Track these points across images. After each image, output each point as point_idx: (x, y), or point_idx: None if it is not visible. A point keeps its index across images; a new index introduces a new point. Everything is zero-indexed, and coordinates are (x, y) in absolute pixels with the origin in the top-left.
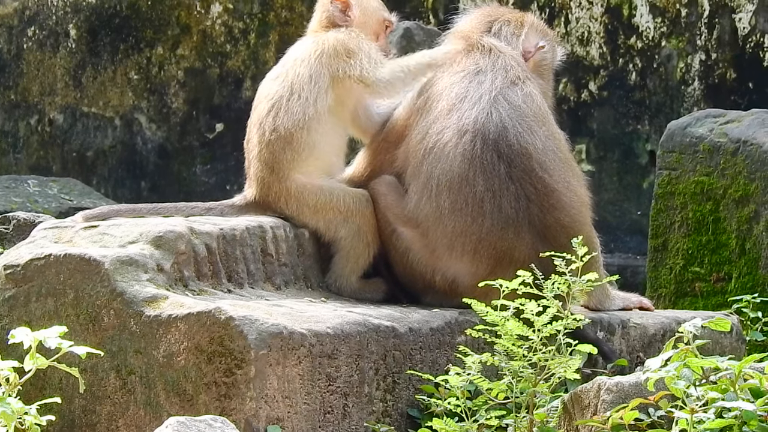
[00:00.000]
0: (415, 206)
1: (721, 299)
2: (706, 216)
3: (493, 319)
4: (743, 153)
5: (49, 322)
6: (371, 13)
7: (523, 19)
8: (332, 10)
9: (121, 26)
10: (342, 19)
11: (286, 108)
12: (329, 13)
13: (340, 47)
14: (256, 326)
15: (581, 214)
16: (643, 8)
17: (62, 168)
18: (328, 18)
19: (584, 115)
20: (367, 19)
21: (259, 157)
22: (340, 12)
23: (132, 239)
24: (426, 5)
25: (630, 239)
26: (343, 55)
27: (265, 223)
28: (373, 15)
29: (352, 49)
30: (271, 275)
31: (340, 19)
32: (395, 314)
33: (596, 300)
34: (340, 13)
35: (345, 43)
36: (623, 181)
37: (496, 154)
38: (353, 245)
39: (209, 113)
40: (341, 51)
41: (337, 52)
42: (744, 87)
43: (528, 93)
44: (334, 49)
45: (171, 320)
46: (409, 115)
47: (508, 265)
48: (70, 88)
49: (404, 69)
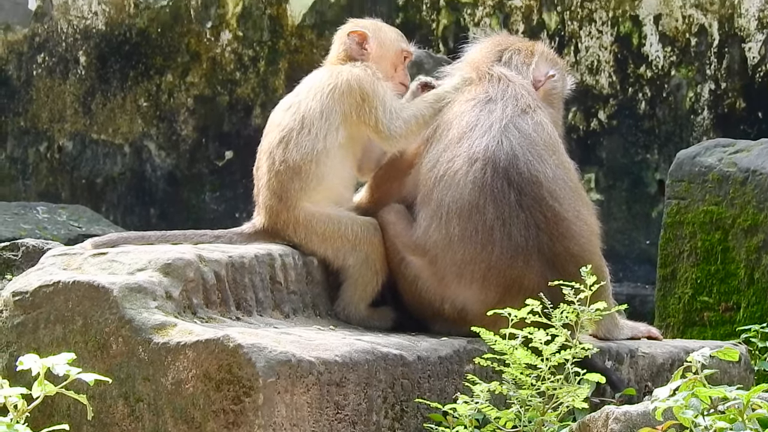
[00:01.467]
0: (424, 234)
1: (730, 329)
2: (715, 245)
3: (501, 347)
4: (752, 182)
5: (58, 348)
6: (389, 45)
7: (534, 48)
8: (349, 43)
9: (130, 53)
10: (359, 53)
11: (296, 141)
12: (346, 46)
13: (355, 85)
14: (265, 354)
15: (591, 243)
16: (652, 37)
17: (71, 195)
18: (345, 51)
19: (593, 143)
20: (384, 52)
21: (268, 186)
22: (357, 45)
23: (141, 266)
24: (435, 33)
25: (639, 268)
26: (357, 95)
27: (274, 250)
28: (390, 47)
29: (367, 93)
30: (280, 303)
31: (357, 52)
32: (404, 342)
33: (605, 329)
34: (357, 45)
35: (360, 82)
36: (632, 210)
37: (506, 182)
38: (361, 273)
39: (218, 141)
40: (355, 90)
41: (351, 90)
42: (753, 116)
43: (538, 122)
44: (348, 85)
45: (179, 348)
46: (419, 143)
47: (517, 293)
48: (79, 115)
49: (419, 118)
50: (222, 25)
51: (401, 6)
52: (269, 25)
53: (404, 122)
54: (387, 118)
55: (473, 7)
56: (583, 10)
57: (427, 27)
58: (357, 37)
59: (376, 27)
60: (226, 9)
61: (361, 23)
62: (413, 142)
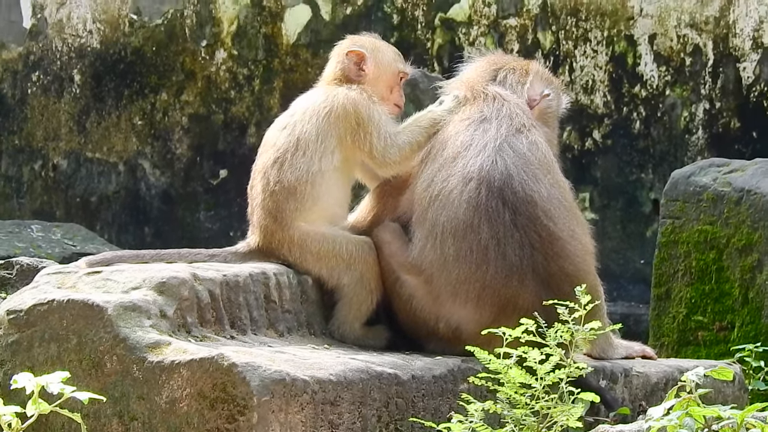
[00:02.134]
0: (419, 253)
1: (724, 348)
2: (710, 265)
3: (496, 366)
4: (747, 202)
5: (52, 367)
6: (386, 66)
7: (528, 67)
8: (347, 63)
9: (125, 72)
10: (356, 74)
11: (291, 162)
12: (343, 66)
13: (351, 109)
14: (259, 373)
15: (585, 263)
16: (647, 57)
17: (66, 213)
18: (342, 70)
19: (588, 163)
20: (381, 73)
21: (263, 206)
22: (355, 65)
23: (135, 285)
24: (430, 53)
25: (633, 288)
26: (352, 120)
27: (269, 269)
28: (387, 68)
29: (362, 117)
30: (275, 322)
31: (354, 73)
32: (398, 361)
33: (599, 348)
34: (355, 66)
35: (356, 107)
36: (627, 229)
37: (501, 202)
38: (356, 292)
39: (213, 159)
40: (351, 114)
41: (347, 114)
42: (748, 136)
43: (533, 141)
44: (344, 109)
45: (174, 366)
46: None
47: (511, 312)
48: (74, 133)
49: (413, 144)
50: (217, 44)
51: (396, 25)
52: (264, 44)
53: (399, 149)
54: (382, 144)
55: (468, 26)
56: (578, 30)
57: (422, 46)
58: (355, 57)
59: (374, 47)
60: (221, 28)
61: (360, 41)
62: (407, 167)
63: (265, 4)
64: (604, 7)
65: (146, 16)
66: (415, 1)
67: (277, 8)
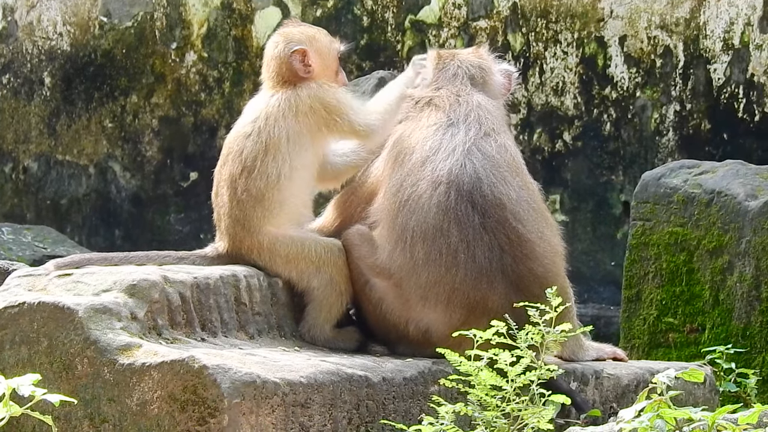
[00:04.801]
0: (389, 257)
1: (695, 350)
2: (680, 267)
3: (466, 369)
4: (717, 204)
5: (23, 370)
6: (326, 52)
7: (481, 55)
8: (294, 64)
9: (95, 74)
10: (304, 71)
11: (261, 169)
12: (290, 66)
13: (317, 103)
14: (230, 375)
15: (555, 265)
16: (617, 59)
17: (36, 216)
18: (289, 71)
19: (558, 165)
20: (324, 60)
21: (230, 214)
22: (301, 63)
23: (106, 287)
24: (401, 55)
25: (603, 290)
26: (322, 112)
27: (239, 272)
28: (328, 53)
29: (330, 105)
30: (245, 324)
31: (303, 71)
32: (368, 364)
33: (570, 350)
34: (301, 64)
35: (320, 98)
36: (597, 231)
37: (470, 205)
38: (326, 295)
39: (183, 162)
40: (318, 107)
41: (313, 109)
42: (719, 138)
43: (502, 144)
44: (309, 106)
45: (144, 369)
46: (382, 168)
47: (481, 315)
48: (44, 135)
49: (387, 108)
50: (187, 47)
51: (366, 27)
52: (234, 47)
53: (377, 116)
54: (361, 118)
55: (438, 28)
56: (548, 32)
57: (392, 48)
58: (300, 56)
59: (309, 38)
60: (191, 30)
61: (294, 37)
62: (390, 129)
63: (235, 6)
64: (574, 9)
65: (116, 19)
66: (385, 3)
67: (247, 11)
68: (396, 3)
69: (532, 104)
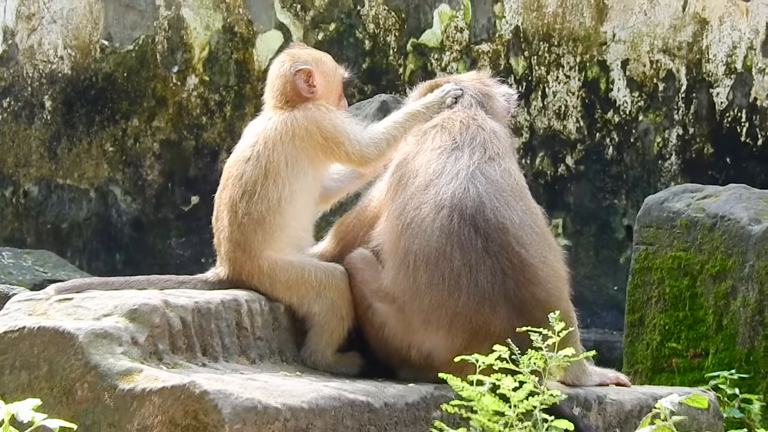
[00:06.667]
0: (392, 282)
1: (698, 375)
2: (683, 291)
3: (468, 394)
4: (720, 228)
5: (23, 395)
6: (331, 75)
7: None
8: (298, 83)
9: (96, 98)
10: (308, 92)
11: (261, 193)
12: (294, 86)
13: (314, 128)
14: (231, 400)
15: (558, 289)
16: (620, 82)
17: (37, 240)
18: (293, 90)
19: (561, 189)
20: (328, 82)
21: (230, 238)
22: (305, 83)
23: (107, 312)
24: (402, 78)
25: (606, 314)
26: (318, 137)
27: (240, 296)
28: (332, 77)
29: (327, 131)
30: (246, 349)
31: (307, 91)
32: (370, 389)
33: (573, 375)
34: (305, 84)
35: (318, 123)
36: (600, 255)
37: (473, 229)
38: (327, 320)
39: (185, 185)
40: (315, 132)
41: (310, 134)
42: (722, 162)
43: (505, 168)
44: (306, 130)
45: (145, 394)
46: (384, 191)
47: (483, 339)
48: (45, 159)
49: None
50: (188, 70)
51: (368, 51)
52: (236, 70)
53: (375, 145)
54: (357, 147)
55: (440, 51)
56: (551, 55)
57: (393, 72)
58: (304, 75)
59: (315, 59)
60: (192, 53)
61: (300, 57)
62: (386, 161)
63: (237, 29)
64: (576, 33)
65: (117, 42)
66: (387, 26)
67: (249, 34)
68: (398, 26)
69: (534, 128)
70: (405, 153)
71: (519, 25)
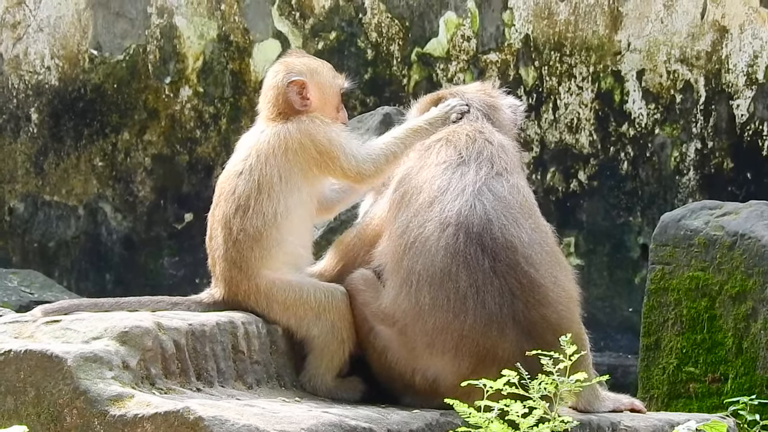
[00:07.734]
0: (393, 302)
1: (717, 401)
2: (701, 313)
3: (476, 420)
4: (740, 247)
5: (9, 421)
6: (327, 86)
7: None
8: (290, 95)
9: (85, 110)
10: (301, 104)
11: (256, 208)
12: (286, 97)
13: (308, 141)
14: (227, 427)
15: (569, 311)
16: (635, 94)
17: (23, 259)
18: (286, 102)
19: (573, 206)
20: (324, 94)
21: (226, 257)
22: (298, 96)
23: (96, 335)
24: (407, 90)
25: (621, 337)
26: (312, 151)
27: (237, 318)
28: (329, 89)
29: (322, 145)
30: (243, 373)
31: (299, 104)
32: (373, 415)
33: (585, 401)
34: (298, 96)
35: (312, 137)
36: (614, 275)
37: (480, 248)
38: (327, 343)
39: (177, 202)
40: (309, 146)
41: (304, 148)
42: (742, 177)
43: (514, 184)
44: (300, 144)
45: (137, 420)
46: (386, 209)
47: (491, 363)
48: (31, 175)
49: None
50: (181, 81)
51: (370, 60)
52: (231, 81)
53: (373, 162)
54: (352, 162)
55: (446, 61)
56: (563, 65)
57: (397, 83)
58: (296, 87)
59: (310, 69)
60: (185, 64)
61: (294, 67)
62: (384, 177)
63: (233, 39)
64: (589, 42)
65: (107, 52)
66: (390, 35)
67: (245, 43)
68: (402, 35)
69: (545, 142)
70: (408, 168)
71: (529, 33)
